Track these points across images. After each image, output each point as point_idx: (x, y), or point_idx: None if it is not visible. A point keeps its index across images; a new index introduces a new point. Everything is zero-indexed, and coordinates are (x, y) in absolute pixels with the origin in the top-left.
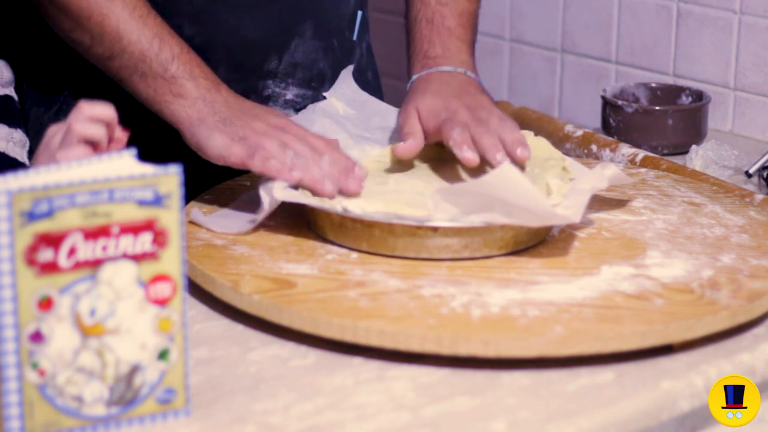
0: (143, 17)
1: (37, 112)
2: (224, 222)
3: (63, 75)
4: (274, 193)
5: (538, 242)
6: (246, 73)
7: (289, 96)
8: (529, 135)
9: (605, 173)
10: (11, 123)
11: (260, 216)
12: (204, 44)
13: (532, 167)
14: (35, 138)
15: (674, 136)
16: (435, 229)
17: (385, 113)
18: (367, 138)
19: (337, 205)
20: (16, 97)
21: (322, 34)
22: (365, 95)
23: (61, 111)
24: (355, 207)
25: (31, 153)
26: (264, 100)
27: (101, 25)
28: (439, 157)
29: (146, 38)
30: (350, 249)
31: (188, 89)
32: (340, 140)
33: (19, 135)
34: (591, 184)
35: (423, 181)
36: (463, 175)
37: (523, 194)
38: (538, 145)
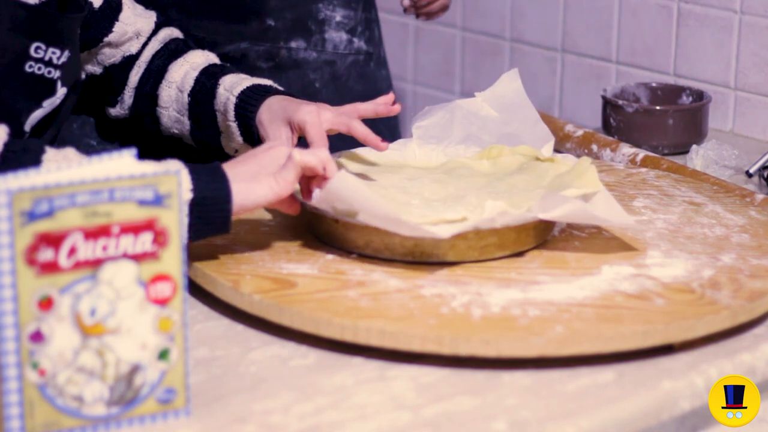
0: None
1: None
2: None
3: None
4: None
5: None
6: None
7: (338, 18)
8: (586, 161)
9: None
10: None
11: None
12: None
13: (560, 186)
14: None
15: (675, 135)
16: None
17: (526, 120)
18: (466, 142)
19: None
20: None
21: None
22: (522, 101)
23: None
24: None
25: None
26: (319, 23)
27: None
28: (464, 164)
29: None
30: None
31: None
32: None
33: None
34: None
35: (440, 185)
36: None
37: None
38: (587, 172)
